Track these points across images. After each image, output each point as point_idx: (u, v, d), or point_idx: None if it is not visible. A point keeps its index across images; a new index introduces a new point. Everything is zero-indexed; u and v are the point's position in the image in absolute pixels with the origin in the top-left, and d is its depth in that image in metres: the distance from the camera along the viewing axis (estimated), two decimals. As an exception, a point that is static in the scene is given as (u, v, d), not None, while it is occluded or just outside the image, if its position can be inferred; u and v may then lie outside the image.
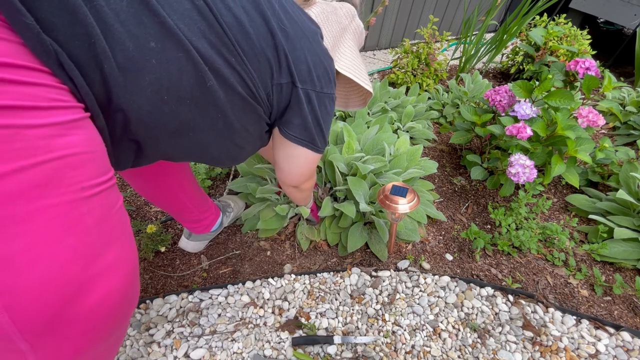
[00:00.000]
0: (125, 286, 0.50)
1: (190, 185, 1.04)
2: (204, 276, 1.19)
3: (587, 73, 1.30)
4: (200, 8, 0.52)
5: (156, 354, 0.97)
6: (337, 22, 0.81)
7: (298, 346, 1.01)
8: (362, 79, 0.82)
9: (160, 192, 0.98)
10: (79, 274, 0.42)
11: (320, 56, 0.70)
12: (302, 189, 0.98)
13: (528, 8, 2.04)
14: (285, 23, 0.64)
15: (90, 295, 0.44)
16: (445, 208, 1.49)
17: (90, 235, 0.44)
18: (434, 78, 2.17)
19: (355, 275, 1.19)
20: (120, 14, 0.45)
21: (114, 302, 0.48)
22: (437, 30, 2.47)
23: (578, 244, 1.37)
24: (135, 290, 0.54)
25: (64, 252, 0.41)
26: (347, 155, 1.28)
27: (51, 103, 0.40)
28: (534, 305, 1.14)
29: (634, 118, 1.92)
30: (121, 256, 0.49)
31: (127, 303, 0.52)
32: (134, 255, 0.53)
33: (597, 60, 2.00)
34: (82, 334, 0.46)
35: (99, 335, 0.48)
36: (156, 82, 0.50)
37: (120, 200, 0.51)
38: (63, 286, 0.41)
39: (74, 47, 0.43)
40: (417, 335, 1.05)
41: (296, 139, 0.76)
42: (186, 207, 1.07)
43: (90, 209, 0.43)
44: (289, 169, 0.86)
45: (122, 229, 0.50)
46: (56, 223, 0.40)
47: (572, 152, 1.28)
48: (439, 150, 1.81)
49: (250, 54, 0.59)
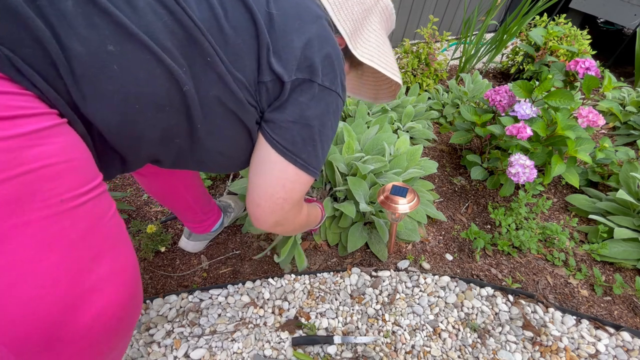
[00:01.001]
0: (123, 298, 0.46)
1: (197, 187, 1.03)
2: (204, 276, 1.19)
3: (587, 73, 1.30)
4: (164, 0, 0.46)
5: (156, 354, 0.97)
6: (358, 2, 0.67)
7: (298, 346, 1.01)
8: (389, 69, 0.69)
9: (167, 191, 0.97)
10: (67, 292, 0.40)
11: (322, 41, 0.59)
12: (284, 223, 0.70)
13: (528, 8, 2.04)
14: (274, 6, 0.55)
15: (83, 312, 0.41)
16: (445, 208, 1.49)
17: (76, 249, 0.41)
18: (434, 78, 2.17)
19: (355, 275, 1.19)
20: (66, 15, 0.40)
21: (112, 316, 0.45)
22: (437, 30, 2.47)
23: (578, 244, 1.37)
24: (136, 300, 0.50)
25: (46, 271, 0.38)
26: (347, 155, 1.28)
27: (15, 112, 0.37)
28: (534, 305, 1.14)
29: (634, 118, 1.92)
30: (116, 267, 0.46)
31: (127, 315, 0.48)
32: (132, 264, 0.49)
33: (597, 60, 2.00)
34: (81, 351, 0.43)
35: (100, 349, 0.46)
36: (122, 90, 0.45)
37: (113, 208, 0.47)
38: (49, 307, 0.38)
39: (27, 53, 0.39)
40: (417, 335, 1.05)
41: (273, 142, 0.60)
42: (190, 208, 1.06)
43: (73, 222, 0.40)
44: (257, 182, 0.63)
45: (115, 239, 0.47)
46: (33, 241, 0.37)
47: (572, 152, 1.28)
48: (439, 150, 1.81)
49: (230, 51, 0.52)
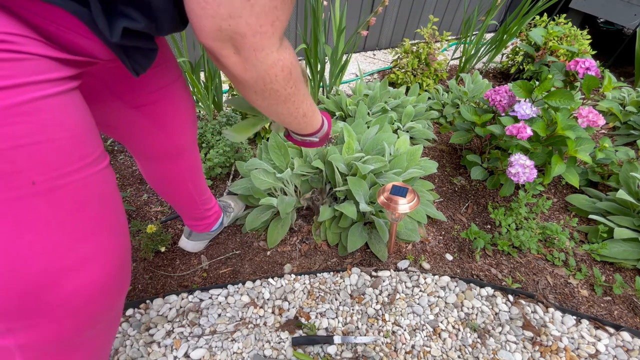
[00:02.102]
0: (106, 278, 0.49)
1: (199, 178, 1.03)
2: (204, 276, 1.19)
3: (587, 73, 1.30)
4: None
5: (156, 354, 0.97)
6: None
7: (298, 346, 1.01)
8: None
9: (170, 178, 0.95)
10: (45, 268, 0.42)
11: None
12: (242, 46, 0.42)
13: (528, 8, 2.04)
14: None
15: (62, 286, 0.44)
16: (445, 208, 1.49)
17: (55, 231, 0.42)
18: (434, 78, 2.18)
19: (355, 275, 1.19)
20: None
21: (91, 293, 0.47)
22: (437, 30, 2.47)
23: (578, 244, 1.37)
24: (120, 281, 0.53)
25: (22, 248, 0.40)
26: (347, 155, 1.28)
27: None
28: (534, 305, 1.14)
29: (634, 118, 1.92)
30: (100, 249, 0.47)
31: (109, 293, 0.51)
32: (119, 246, 0.51)
33: (597, 60, 2.00)
34: (60, 321, 0.46)
35: (80, 322, 0.49)
36: None
37: (106, 189, 0.48)
38: (27, 279, 0.41)
39: None
40: (417, 335, 1.05)
41: None
42: (193, 200, 1.05)
43: (50, 204, 0.41)
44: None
45: (103, 221, 0.48)
46: (2, 221, 0.38)
47: (572, 152, 1.28)
48: (439, 150, 1.82)
49: None
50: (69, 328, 0.48)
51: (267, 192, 1.30)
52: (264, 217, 1.28)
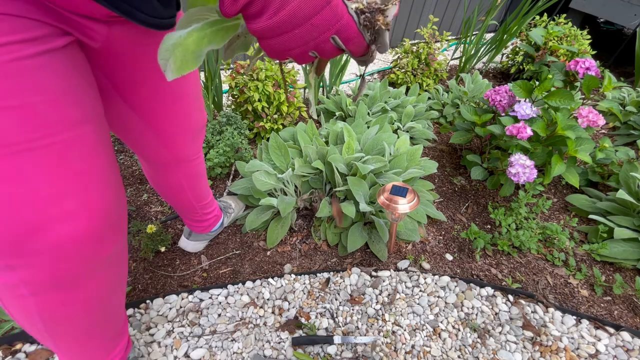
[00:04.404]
0: (90, 231, 0.52)
1: (199, 186, 1.02)
2: (204, 276, 1.19)
3: (587, 73, 1.30)
4: None
5: (156, 354, 0.97)
6: None
7: (298, 346, 1.01)
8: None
9: (167, 183, 0.94)
10: (27, 219, 0.46)
11: None
12: None
13: (528, 8, 2.04)
14: None
15: (49, 233, 0.48)
16: (445, 208, 1.49)
17: (37, 187, 0.45)
18: (434, 78, 2.18)
19: (355, 275, 1.19)
20: None
21: (76, 243, 0.51)
22: (437, 30, 2.47)
23: (578, 244, 1.37)
24: (109, 233, 0.56)
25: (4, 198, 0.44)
26: (347, 155, 1.28)
27: None
28: (534, 305, 1.14)
29: (634, 118, 1.92)
30: (85, 204, 0.51)
31: (97, 244, 0.54)
32: (107, 200, 0.54)
33: (597, 60, 2.00)
34: (51, 264, 0.51)
35: (71, 266, 0.53)
36: None
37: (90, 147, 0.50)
38: (16, 224, 0.46)
39: None
40: (417, 335, 1.05)
41: None
42: (191, 205, 1.06)
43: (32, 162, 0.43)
44: None
45: (87, 178, 0.51)
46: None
47: (572, 152, 1.28)
48: (439, 150, 1.82)
49: None
50: (61, 270, 0.52)
51: (267, 192, 1.30)
52: (264, 217, 1.28)
